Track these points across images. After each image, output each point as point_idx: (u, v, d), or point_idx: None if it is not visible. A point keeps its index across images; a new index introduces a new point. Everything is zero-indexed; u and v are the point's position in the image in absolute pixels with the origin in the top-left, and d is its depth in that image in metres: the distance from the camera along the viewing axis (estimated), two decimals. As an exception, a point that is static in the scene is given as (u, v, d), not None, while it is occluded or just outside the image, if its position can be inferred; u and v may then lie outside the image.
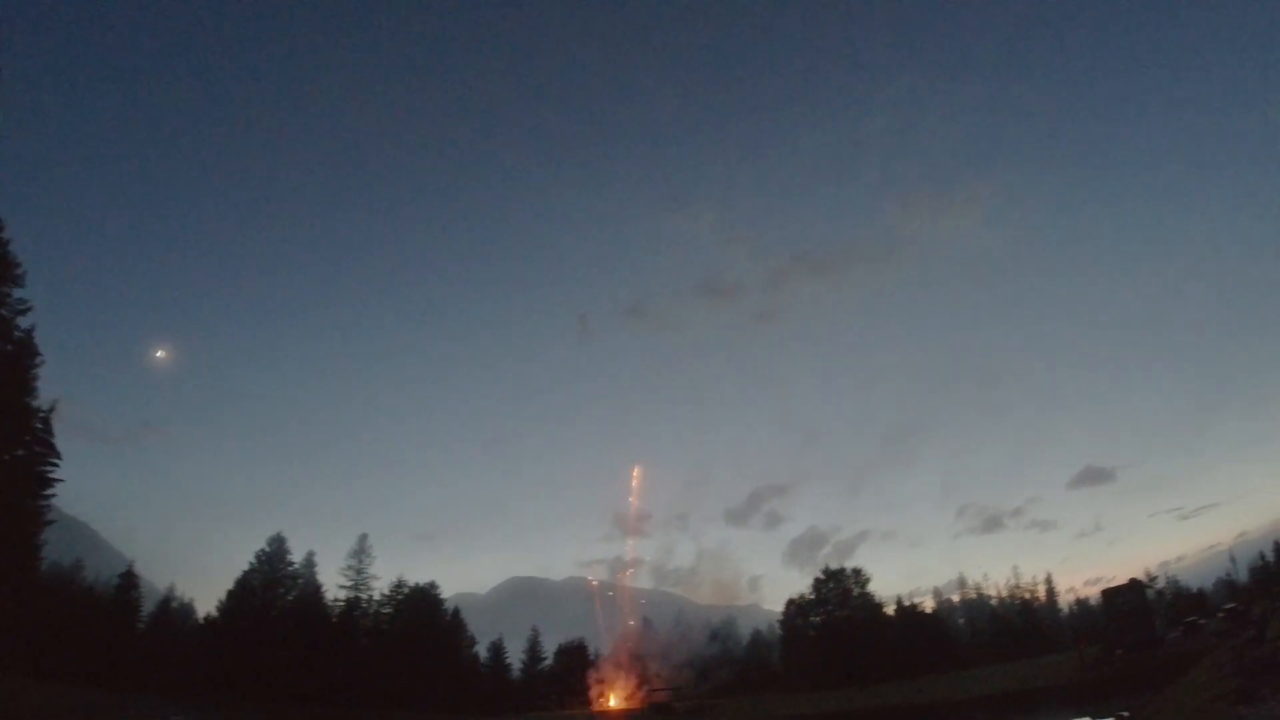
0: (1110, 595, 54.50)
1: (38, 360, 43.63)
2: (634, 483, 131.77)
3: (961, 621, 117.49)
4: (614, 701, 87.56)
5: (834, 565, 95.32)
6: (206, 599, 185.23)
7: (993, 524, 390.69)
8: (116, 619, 72.87)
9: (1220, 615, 48.73)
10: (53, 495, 46.24)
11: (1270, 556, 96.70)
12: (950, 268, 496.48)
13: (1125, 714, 31.17)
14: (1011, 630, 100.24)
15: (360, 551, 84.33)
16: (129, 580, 78.89)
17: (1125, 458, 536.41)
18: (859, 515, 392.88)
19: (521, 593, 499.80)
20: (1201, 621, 53.54)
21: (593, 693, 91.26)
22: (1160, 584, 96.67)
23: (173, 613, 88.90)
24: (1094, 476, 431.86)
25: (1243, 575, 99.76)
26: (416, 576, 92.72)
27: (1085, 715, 35.95)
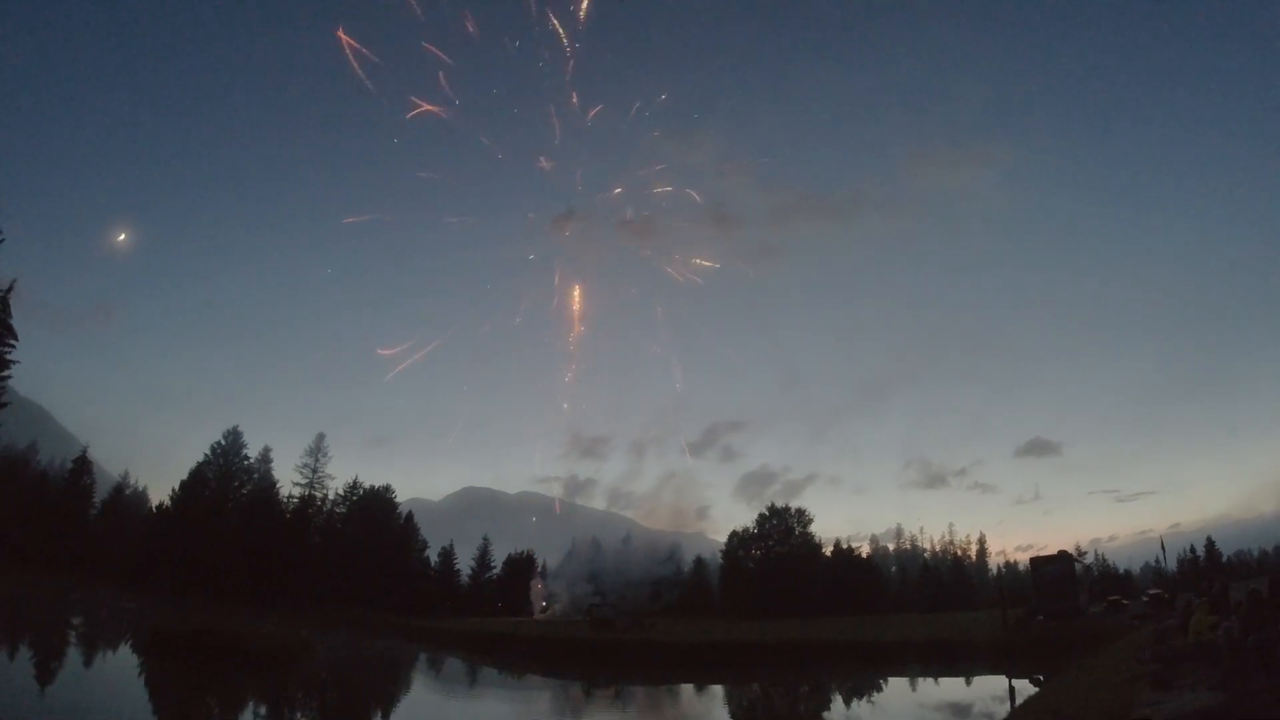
0: (1039, 563, 55.93)
1: (-3, 240, 41.63)
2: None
3: (894, 569, 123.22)
4: (558, 612, 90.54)
5: (780, 503, 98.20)
6: (160, 488, 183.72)
7: (937, 480, 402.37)
8: (69, 504, 72.28)
9: (1144, 599, 51.01)
10: (8, 377, 44.89)
11: (1200, 551, 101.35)
12: (955, 227, 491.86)
13: (1040, 678, 32.54)
14: (940, 583, 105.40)
15: (317, 450, 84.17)
16: (82, 465, 77.86)
17: (1073, 434, 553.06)
18: (814, 458, 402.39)
19: (475, 503, 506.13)
20: (1125, 602, 56.26)
21: (537, 603, 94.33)
22: (1089, 559, 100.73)
23: (125, 500, 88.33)
24: (1040, 448, 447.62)
25: (1171, 564, 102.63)
26: (372, 479, 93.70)
27: (1002, 674, 37.43)
